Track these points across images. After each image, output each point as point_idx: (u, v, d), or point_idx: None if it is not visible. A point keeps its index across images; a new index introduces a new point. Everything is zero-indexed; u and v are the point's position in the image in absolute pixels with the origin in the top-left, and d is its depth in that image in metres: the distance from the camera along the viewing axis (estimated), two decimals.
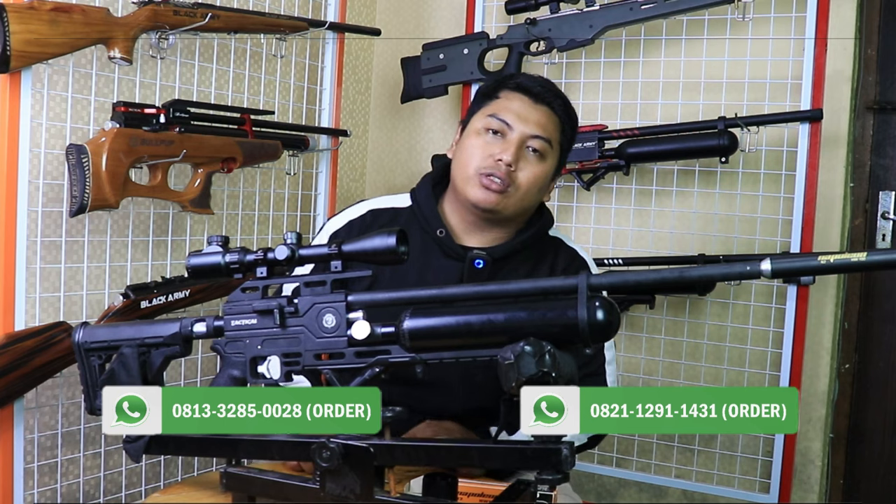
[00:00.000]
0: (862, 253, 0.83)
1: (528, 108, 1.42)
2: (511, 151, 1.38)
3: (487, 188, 1.38)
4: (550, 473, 0.91)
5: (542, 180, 1.43)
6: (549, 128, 1.43)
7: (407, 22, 2.65)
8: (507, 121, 1.40)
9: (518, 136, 1.40)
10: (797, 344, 2.05)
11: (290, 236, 1.09)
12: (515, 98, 1.43)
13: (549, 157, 1.43)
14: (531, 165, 1.41)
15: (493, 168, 1.38)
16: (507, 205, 1.40)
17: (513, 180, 1.39)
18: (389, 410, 1.01)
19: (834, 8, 2.02)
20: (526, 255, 1.46)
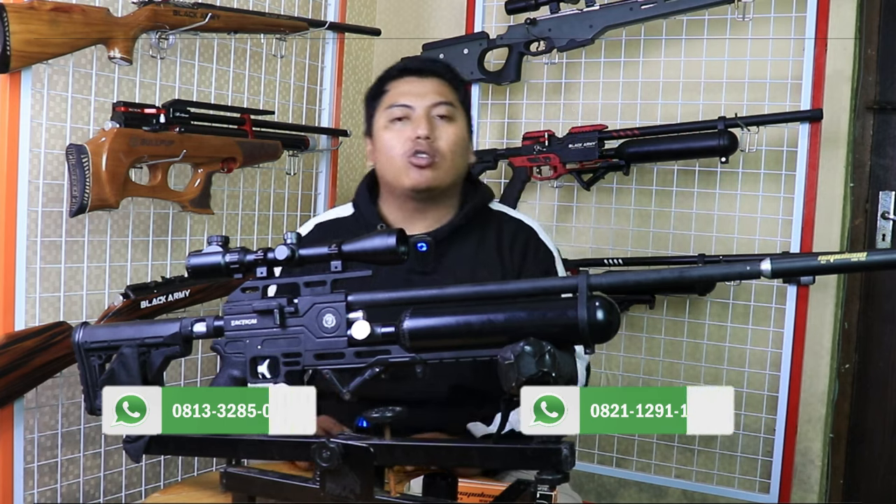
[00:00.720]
0: (862, 253, 0.83)
1: (418, 84, 1.49)
2: (423, 125, 1.44)
3: (419, 167, 1.44)
4: (550, 473, 0.91)
5: (461, 140, 1.48)
6: (444, 91, 1.49)
7: (407, 22, 2.65)
8: (406, 103, 1.47)
9: (422, 110, 1.46)
10: (797, 344, 2.05)
11: (290, 236, 1.09)
12: (402, 83, 1.50)
13: (458, 117, 1.49)
14: (445, 130, 1.46)
15: (416, 146, 1.43)
16: (440, 176, 1.45)
17: (436, 150, 1.44)
18: (389, 410, 1.01)
19: (834, 8, 2.02)
20: (468, 231, 1.50)
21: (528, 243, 1.51)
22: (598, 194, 2.32)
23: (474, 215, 1.51)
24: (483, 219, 1.52)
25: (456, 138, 1.46)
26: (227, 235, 1.14)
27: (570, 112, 2.34)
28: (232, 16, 1.83)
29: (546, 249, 1.53)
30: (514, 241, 1.51)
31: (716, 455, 2.21)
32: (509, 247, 1.50)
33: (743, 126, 2.00)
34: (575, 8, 2.14)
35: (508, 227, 1.52)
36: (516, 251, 1.50)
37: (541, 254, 1.51)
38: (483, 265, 1.47)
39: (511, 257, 1.49)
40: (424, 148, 1.43)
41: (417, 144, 1.43)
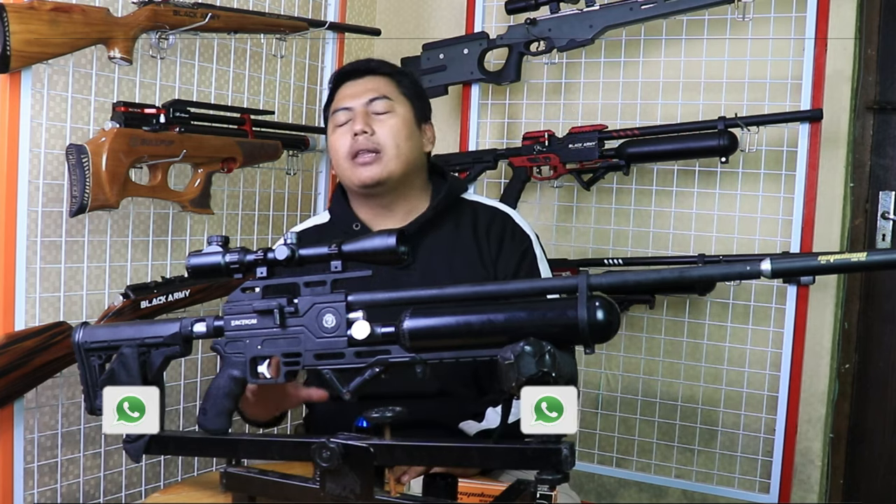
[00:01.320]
0: (862, 253, 0.83)
1: (354, 86, 1.53)
2: (359, 121, 1.48)
3: (364, 164, 1.47)
4: (550, 473, 0.91)
5: (403, 129, 1.50)
6: (379, 87, 1.53)
7: (407, 22, 2.65)
8: (344, 105, 1.51)
9: (358, 109, 1.50)
10: (797, 344, 2.05)
11: (290, 236, 1.09)
12: (343, 88, 1.55)
13: (398, 107, 1.52)
14: (384, 123, 1.49)
15: (354, 145, 1.47)
16: (387, 169, 1.47)
17: (376, 143, 1.47)
18: (389, 410, 1.01)
19: (834, 8, 2.02)
20: (441, 223, 1.52)
21: (504, 228, 1.53)
22: (598, 194, 2.32)
23: (445, 207, 1.52)
24: (457, 210, 1.54)
25: (395, 129, 1.49)
26: (227, 235, 1.15)
27: (570, 112, 2.34)
28: (232, 16, 1.83)
29: (522, 233, 1.54)
30: (490, 227, 1.53)
31: (716, 455, 2.21)
32: (485, 233, 1.52)
33: (743, 126, 2.00)
34: (575, 8, 2.14)
35: (483, 215, 1.54)
36: (493, 237, 1.52)
37: (517, 237, 1.53)
38: (460, 253, 1.49)
39: (488, 243, 1.51)
40: (364, 145, 1.46)
41: (357, 143, 1.47)
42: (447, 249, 1.49)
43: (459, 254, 1.49)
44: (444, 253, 1.49)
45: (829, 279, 2.13)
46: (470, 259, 1.48)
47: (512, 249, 1.50)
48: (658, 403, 2.25)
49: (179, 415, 1.92)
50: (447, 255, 1.48)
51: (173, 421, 1.91)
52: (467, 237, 1.51)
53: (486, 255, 1.49)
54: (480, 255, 1.49)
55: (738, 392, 2.17)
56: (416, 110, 1.55)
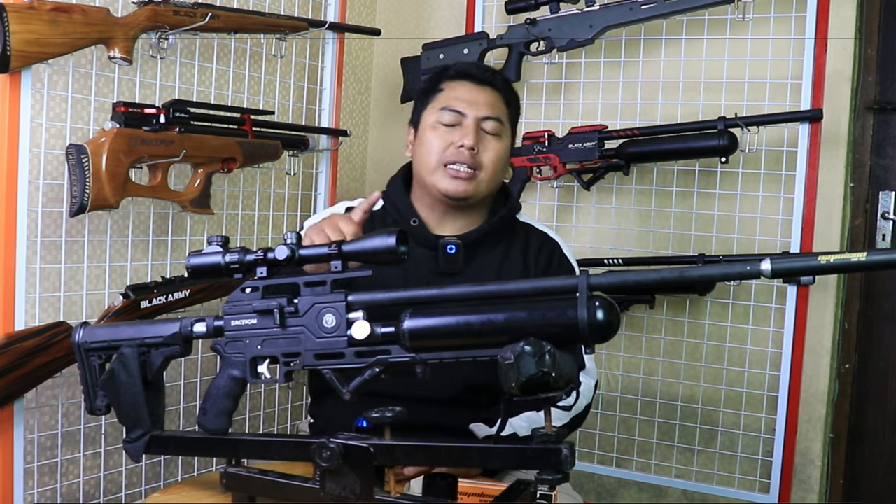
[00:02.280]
0: (862, 253, 0.83)
1: (475, 92, 1.48)
2: (471, 136, 1.44)
3: (456, 177, 1.44)
4: (550, 473, 0.91)
5: (503, 158, 1.49)
6: (497, 106, 1.49)
7: (407, 22, 2.65)
8: (459, 109, 1.46)
9: (473, 120, 1.46)
10: (797, 344, 2.05)
11: (290, 236, 1.09)
12: (459, 86, 1.49)
13: (504, 135, 1.50)
14: (490, 145, 1.47)
15: (457, 156, 1.43)
16: (477, 189, 1.46)
17: (478, 163, 1.45)
18: (389, 410, 1.01)
19: (834, 8, 2.02)
20: (497, 239, 1.51)
21: (552, 257, 1.54)
22: (598, 194, 2.32)
23: (503, 224, 1.52)
24: (510, 228, 1.54)
25: (499, 155, 1.47)
26: (227, 235, 1.14)
27: (570, 112, 2.34)
28: (232, 16, 1.83)
29: (568, 264, 1.55)
30: (540, 253, 1.53)
31: (716, 455, 2.21)
32: (535, 258, 1.52)
33: (743, 126, 2.00)
34: (575, 8, 2.14)
35: (534, 239, 1.54)
36: (541, 263, 1.52)
37: (563, 268, 1.54)
38: (508, 273, 1.49)
39: (535, 268, 1.51)
40: (466, 159, 1.43)
41: (460, 154, 1.43)
42: (497, 265, 1.49)
43: (507, 271, 1.49)
44: (494, 268, 1.48)
45: (829, 279, 2.13)
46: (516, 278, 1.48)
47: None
48: (658, 403, 2.26)
49: (179, 415, 1.92)
50: (496, 270, 1.48)
51: (173, 421, 1.91)
52: (517, 257, 1.51)
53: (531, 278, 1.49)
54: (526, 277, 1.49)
55: (738, 392, 2.17)
56: (513, 139, 1.54)
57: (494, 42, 2.25)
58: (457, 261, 1.45)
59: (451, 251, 1.45)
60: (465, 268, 1.46)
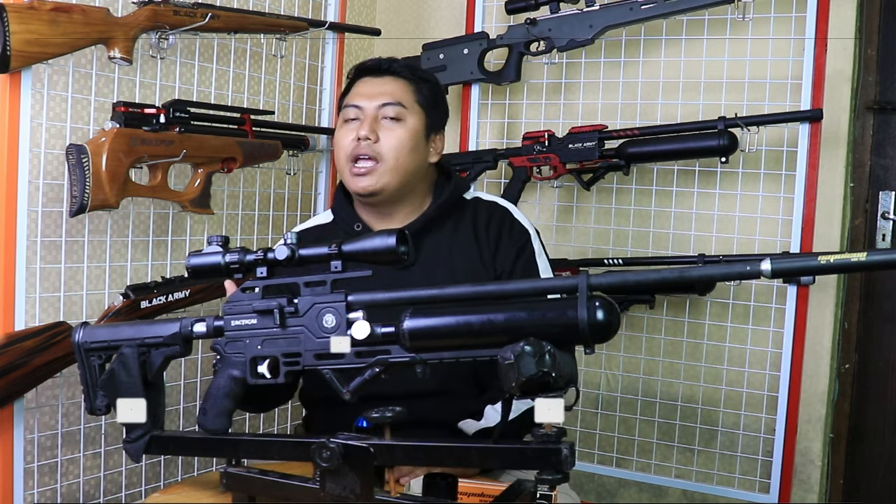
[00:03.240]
0: (862, 253, 0.83)
1: (372, 84, 1.50)
2: (366, 126, 1.46)
3: (357, 174, 1.46)
4: (550, 473, 0.91)
5: (408, 141, 1.48)
6: (396, 92, 1.49)
7: (407, 22, 2.65)
8: (356, 103, 1.49)
9: (369, 111, 1.47)
10: (797, 344, 2.05)
11: (290, 236, 1.09)
12: (360, 83, 1.52)
13: (409, 117, 1.49)
14: (391, 131, 1.47)
15: (357, 149, 1.45)
16: (381, 181, 1.46)
17: (377, 152, 1.45)
18: (389, 410, 1.01)
19: (834, 8, 2.02)
20: (442, 222, 1.51)
21: (502, 223, 1.53)
22: (598, 194, 2.32)
23: (447, 207, 1.52)
24: (458, 209, 1.54)
25: (400, 140, 1.47)
26: (227, 235, 1.15)
27: (570, 112, 2.34)
28: (232, 16, 1.83)
29: (521, 227, 1.54)
30: (490, 223, 1.52)
31: (716, 455, 2.21)
32: (485, 229, 1.52)
33: (743, 126, 2.00)
34: (575, 8, 2.14)
35: (483, 211, 1.54)
36: (492, 232, 1.51)
37: (515, 232, 1.53)
38: (459, 252, 1.49)
39: (487, 239, 1.51)
40: (364, 150, 1.45)
41: (359, 147, 1.45)
42: (448, 249, 1.49)
43: (459, 253, 1.49)
44: (445, 252, 1.49)
45: (829, 279, 2.13)
46: (470, 257, 1.49)
47: (510, 244, 1.51)
48: (658, 403, 2.26)
49: (179, 415, 1.92)
50: (448, 255, 1.48)
51: (173, 421, 1.91)
52: (467, 235, 1.51)
53: (485, 253, 1.50)
54: (480, 253, 1.49)
55: (738, 392, 2.17)
56: (429, 120, 1.53)
57: (494, 42, 2.25)
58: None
59: None
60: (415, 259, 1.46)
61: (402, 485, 1.25)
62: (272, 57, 2.08)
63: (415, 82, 1.53)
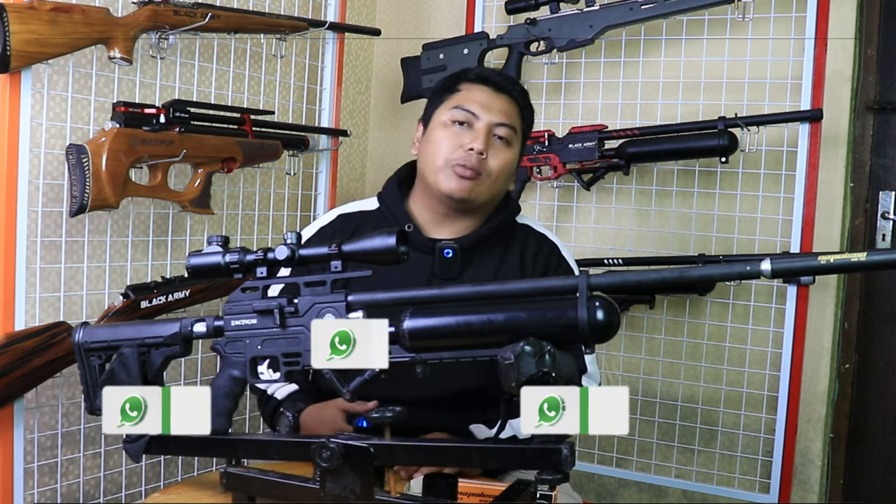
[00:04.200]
0: (862, 253, 0.83)
1: (491, 98, 1.47)
2: (481, 140, 1.42)
3: (461, 177, 1.42)
4: (550, 473, 0.91)
5: (510, 166, 1.47)
6: (511, 115, 1.48)
7: (407, 22, 2.65)
8: (473, 110, 1.45)
9: (485, 124, 1.44)
10: (797, 344, 2.05)
11: (290, 236, 1.09)
12: (477, 89, 1.48)
13: (514, 144, 1.48)
14: (500, 152, 1.45)
15: (465, 158, 1.42)
16: (479, 192, 1.44)
17: (484, 168, 1.43)
18: (389, 410, 1.01)
19: (834, 8, 2.02)
20: (494, 242, 1.49)
21: (550, 259, 1.52)
22: (598, 194, 2.32)
23: (501, 228, 1.50)
24: (509, 231, 1.52)
25: (506, 163, 1.45)
26: (227, 235, 1.14)
27: (570, 112, 2.34)
28: (232, 16, 1.82)
29: (567, 266, 1.54)
30: (538, 256, 1.51)
31: (716, 455, 2.21)
32: (532, 261, 1.50)
33: (743, 126, 2.00)
34: (575, 8, 2.14)
35: (532, 241, 1.53)
36: (538, 266, 1.50)
37: (561, 270, 1.52)
38: (505, 274, 1.47)
39: (533, 271, 1.50)
40: (474, 164, 1.42)
41: (468, 157, 1.42)
42: (494, 268, 1.48)
43: (504, 274, 1.47)
44: (491, 271, 1.47)
45: (829, 279, 2.13)
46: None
47: None
48: (658, 403, 2.26)
49: None
50: (493, 274, 1.47)
51: None
52: (514, 260, 1.50)
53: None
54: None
55: (738, 392, 2.17)
56: (522, 150, 1.52)
57: (494, 42, 2.25)
58: (453, 265, 1.44)
59: (447, 255, 1.44)
60: (462, 272, 1.45)
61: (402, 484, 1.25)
62: (272, 57, 2.08)
63: (524, 109, 1.52)
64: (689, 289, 2.13)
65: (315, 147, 2.12)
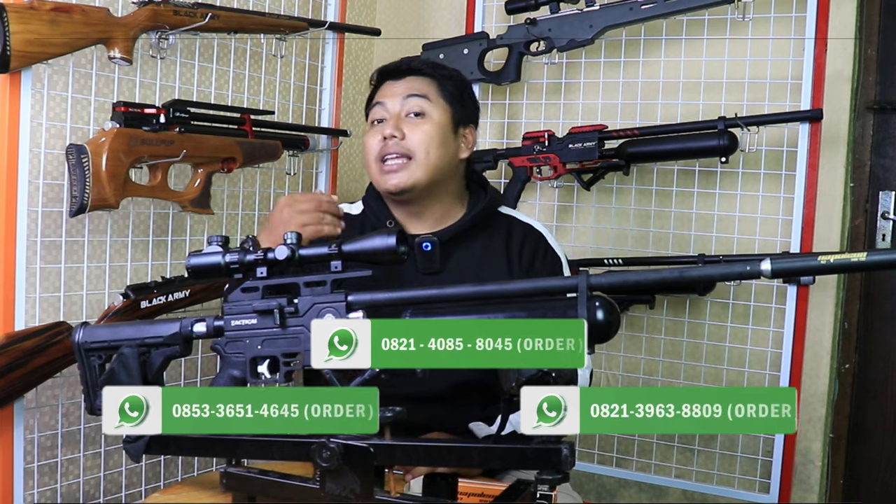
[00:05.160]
0: (862, 253, 0.83)
1: (395, 85, 1.50)
2: (390, 124, 1.45)
3: (390, 171, 1.44)
4: (550, 473, 0.91)
5: (436, 135, 1.46)
6: (419, 87, 1.49)
7: (407, 22, 2.65)
8: (381, 101, 1.48)
9: (393, 109, 1.47)
10: (797, 344, 2.05)
11: (290, 236, 1.09)
12: (384, 86, 1.52)
13: (435, 111, 1.47)
14: (417, 126, 1.46)
15: (385, 148, 1.44)
16: (416, 175, 1.44)
17: (406, 149, 1.44)
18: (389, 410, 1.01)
19: (834, 8, 2.02)
20: (476, 233, 1.49)
21: (536, 248, 1.51)
22: (598, 194, 2.32)
23: (482, 219, 1.50)
24: (491, 222, 1.52)
25: (426, 134, 1.45)
26: (227, 235, 1.14)
27: (570, 112, 2.34)
28: (232, 16, 1.83)
29: (554, 254, 1.53)
30: (524, 246, 1.50)
31: (716, 455, 2.21)
32: (518, 251, 1.50)
33: (743, 126, 2.00)
34: (575, 8, 2.14)
35: (518, 231, 1.52)
36: (525, 256, 1.50)
37: (549, 259, 1.51)
38: (489, 267, 1.47)
39: (519, 261, 1.49)
40: (393, 149, 1.44)
41: (386, 146, 1.44)
42: (478, 261, 1.48)
43: (489, 266, 1.47)
44: (475, 264, 1.47)
45: (829, 279, 2.13)
46: (499, 273, 1.47)
47: (543, 271, 1.49)
48: None
49: None
50: (477, 267, 1.47)
51: None
52: (499, 250, 1.49)
53: (515, 271, 1.48)
54: (510, 271, 1.48)
55: None
56: (456, 114, 1.50)
57: (494, 42, 2.25)
58: (433, 258, 1.44)
59: (426, 248, 1.43)
60: (443, 265, 1.45)
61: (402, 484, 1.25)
62: (272, 57, 2.08)
63: (437, 78, 1.51)
64: (689, 289, 2.14)
65: (315, 147, 2.12)
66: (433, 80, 1.50)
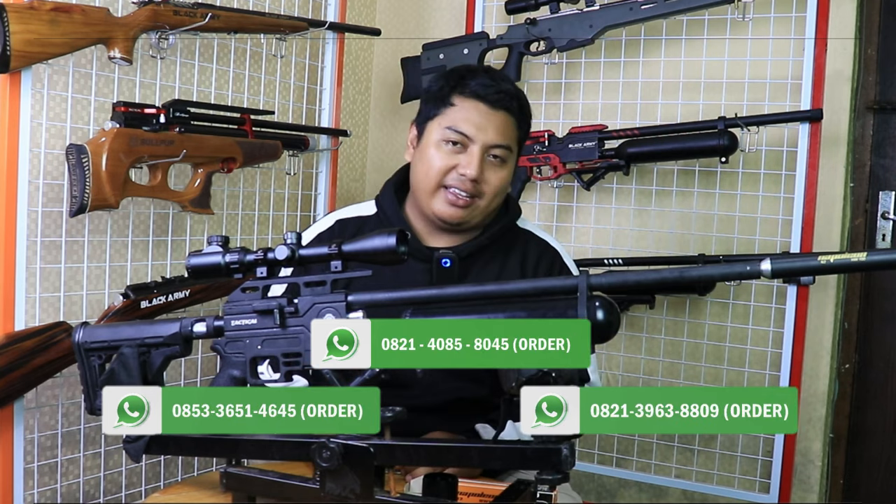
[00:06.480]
0: (862, 253, 0.83)
1: (486, 117, 1.40)
2: (475, 165, 1.38)
3: (454, 204, 1.39)
4: (550, 473, 0.91)
5: (505, 183, 1.43)
6: (507, 132, 1.42)
7: (407, 22, 2.65)
8: (466, 133, 1.39)
9: (479, 147, 1.39)
10: (797, 344, 2.05)
11: (290, 236, 1.09)
12: (471, 106, 1.40)
13: (510, 159, 1.44)
14: (495, 173, 1.41)
15: (458, 183, 1.38)
16: (473, 216, 1.42)
17: (478, 192, 1.40)
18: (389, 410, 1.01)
19: (834, 8, 2.02)
20: (495, 249, 1.47)
21: (552, 266, 1.50)
22: (598, 194, 2.32)
23: (501, 235, 1.48)
24: (509, 237, 1.50)
25: (501, 182, 1.41)
26: (227, 235, 1.14)
27: (570, 112, 2.34)
28: (232, 16, 1.83)
29: (569, 273, 1.52)
30: (539, 263, 1.49)
31: (716, 455, 2.21)
32: (533, 267, 1.49)
33: (743, 126, 2.01)
34: (575, 8, 2.15)
35: (533, 249, 1.50)
36: (540, 272, 1.48)
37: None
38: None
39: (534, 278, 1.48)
40: (466, 188, 1.38)
41: (461, 181, 1.38)
42: (494, 276, 1.45)
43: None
44: (491, 279, 1.45)
45: (829, 279, 2.13)
46: None
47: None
48: None
49: None
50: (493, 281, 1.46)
51: None
52: (514, 268, 1.47)
53: None
54: None
55: None
56: (519, 154, 1.48)
57: (494, 42, 2.25)
58: (451, 274, 1.41)
59: (445, 265, 1.41)
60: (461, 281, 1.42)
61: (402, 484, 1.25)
62: (272, 57, 2.08)
63: (521, 120, 1.45)
64: (689, 289, 2.14)
65: (315, 147, 2.12)
66: (519, 125, 1.44)
